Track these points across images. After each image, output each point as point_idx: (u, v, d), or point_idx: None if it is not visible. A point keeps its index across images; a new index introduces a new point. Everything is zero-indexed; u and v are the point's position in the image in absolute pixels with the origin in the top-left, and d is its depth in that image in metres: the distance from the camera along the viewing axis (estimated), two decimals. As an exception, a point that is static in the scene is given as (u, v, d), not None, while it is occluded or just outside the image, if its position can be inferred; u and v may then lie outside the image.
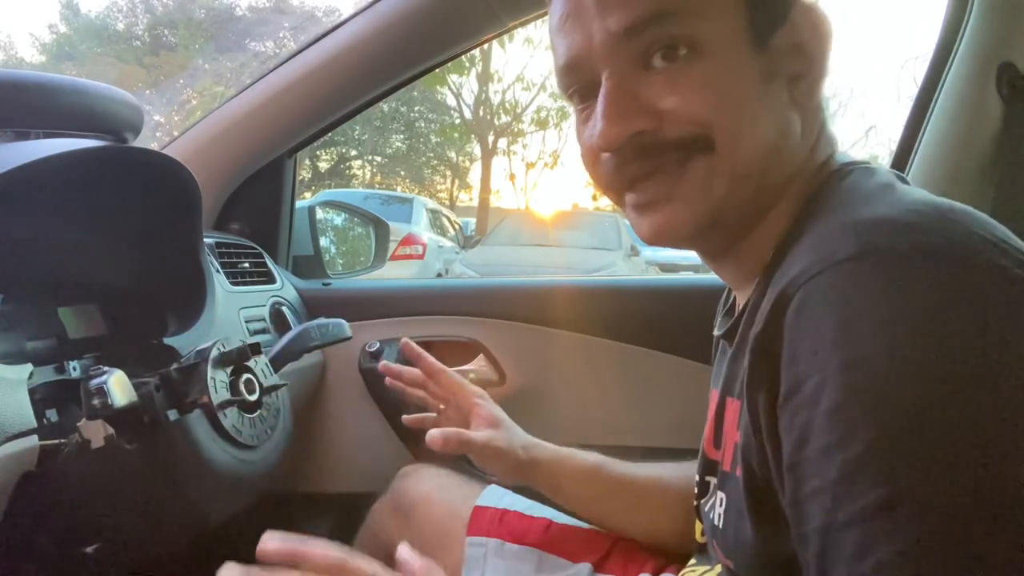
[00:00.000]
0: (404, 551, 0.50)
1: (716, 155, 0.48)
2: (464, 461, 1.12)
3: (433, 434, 0.74)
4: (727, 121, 0.48)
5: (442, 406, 0.86)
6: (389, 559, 0.93)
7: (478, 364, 1.25)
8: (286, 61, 1.18)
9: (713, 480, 0.57)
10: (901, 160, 1.19)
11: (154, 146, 1.01)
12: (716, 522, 0.55)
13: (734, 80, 0.48)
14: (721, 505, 0.54)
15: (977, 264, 0.38)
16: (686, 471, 0.80)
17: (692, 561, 0.68)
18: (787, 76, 0.50)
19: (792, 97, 0.50)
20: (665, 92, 0.48)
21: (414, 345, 0.85)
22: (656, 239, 0.52)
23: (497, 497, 0.87)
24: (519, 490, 0.88)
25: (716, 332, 0.62)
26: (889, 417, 0.35)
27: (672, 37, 0.47)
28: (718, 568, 0.58)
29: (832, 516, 0.36)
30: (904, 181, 0.50)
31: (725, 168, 0.49)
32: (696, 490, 0.63)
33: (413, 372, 0.86)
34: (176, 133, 1.26)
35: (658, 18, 0.47)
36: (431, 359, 0.85)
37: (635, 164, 0.50)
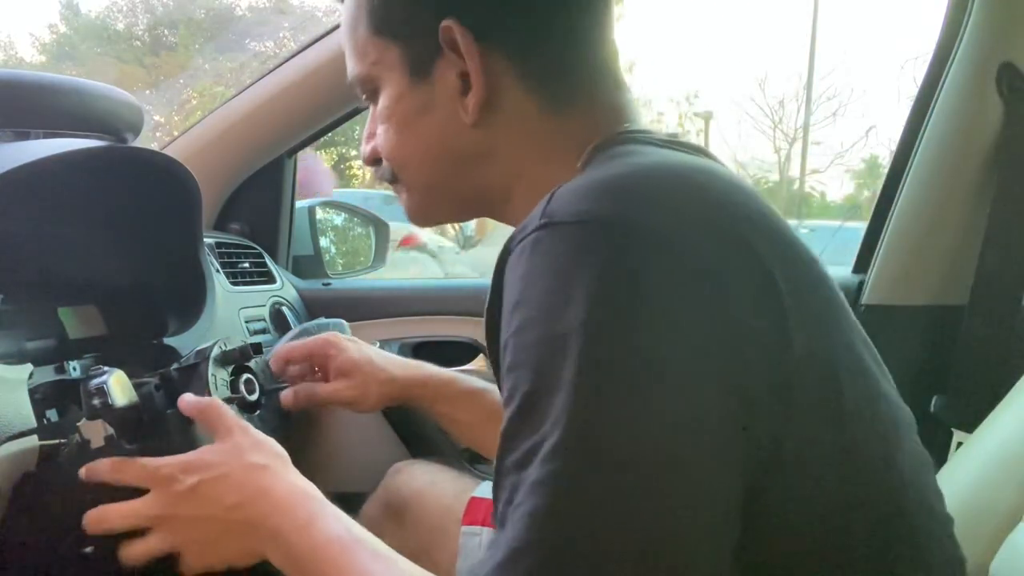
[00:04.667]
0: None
1: (402, 182, 0.61)
2: (456, 457, 1.13)
3: (285, 395, 0.80)
4: (396, 153, 0.59)
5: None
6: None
7: (478, 364, 1.25)
8: (286, 61, 1.18)
9: None
10: (901, 160, 1.19)
11: (154, 146, 1.01)
12: None
13: (397, 113, 0.57)
14: None
15: (609, 237, 0.39)
16: None
17: None
18: (452, 98, 0.54)
19: (466, 114, 0.54)
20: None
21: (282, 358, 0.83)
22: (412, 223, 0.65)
23: None
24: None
25: None
26: (525, 381, 0.39)
27: (360, 80, 0.59)
28: None
29: (499, 463, 0.40)
30: (683, 147, 0.52)
31: (411, 189, 0.61)
32: None
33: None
34: (176, 133, 1.26)
35: (359, 73, 0.59)
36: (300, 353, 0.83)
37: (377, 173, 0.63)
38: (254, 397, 0.75)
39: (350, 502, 1.07)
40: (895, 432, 0.47)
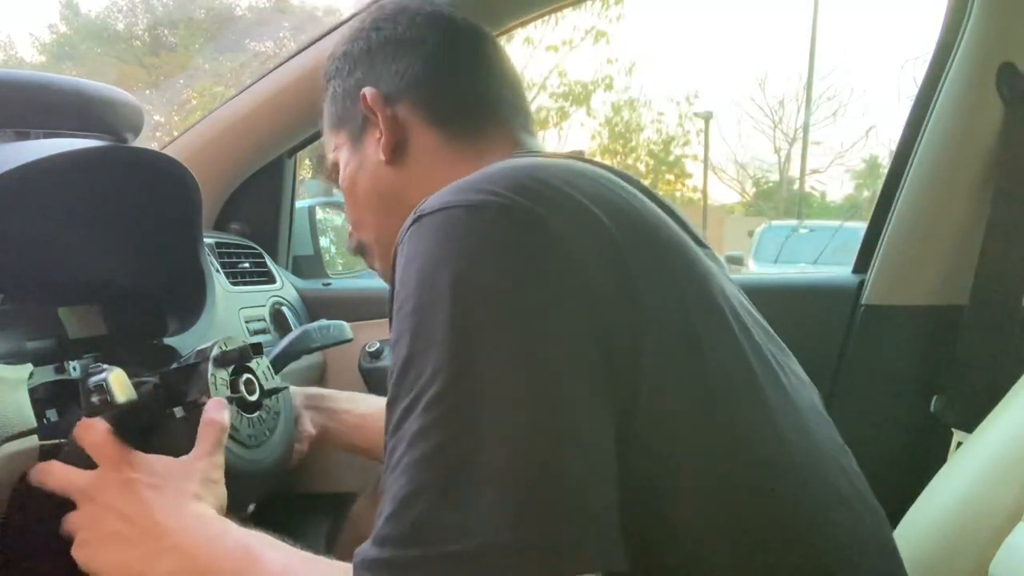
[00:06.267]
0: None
1: (364, 245, 0.73)
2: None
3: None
4: (351, 212, 0.72)
5: None
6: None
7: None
8: (286, 61, 1.18)
9: None
10: (901, 160, 1.19)
11: (154, 146, 1.01)
12: None
13: (346, 178, 0.70)
14: None
15: (468, 215, 0.44)
16: None
17: None
18: (376, 150, 0.66)
19: (381, 153, 0.66)
20: None
21: None
22: None
23: None
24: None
25: None
26: (402, 348, 0.43)
27: (332, 167, 0.73)
28: None
29: (385, 436, 0.43)
30: (587, 159, 0.58)
31: (370, 248, 0.72)
32: None
33: None
34: (176, 133, 1.26)
35: (329, 164, 0.74)
36: None
37: None
38: (254, 397, 0.75)
39: (344, 501, 1.08)
40: (780, 392, 0.51)
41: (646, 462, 0.43)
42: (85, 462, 0.60)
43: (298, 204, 1.42)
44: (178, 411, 0.66)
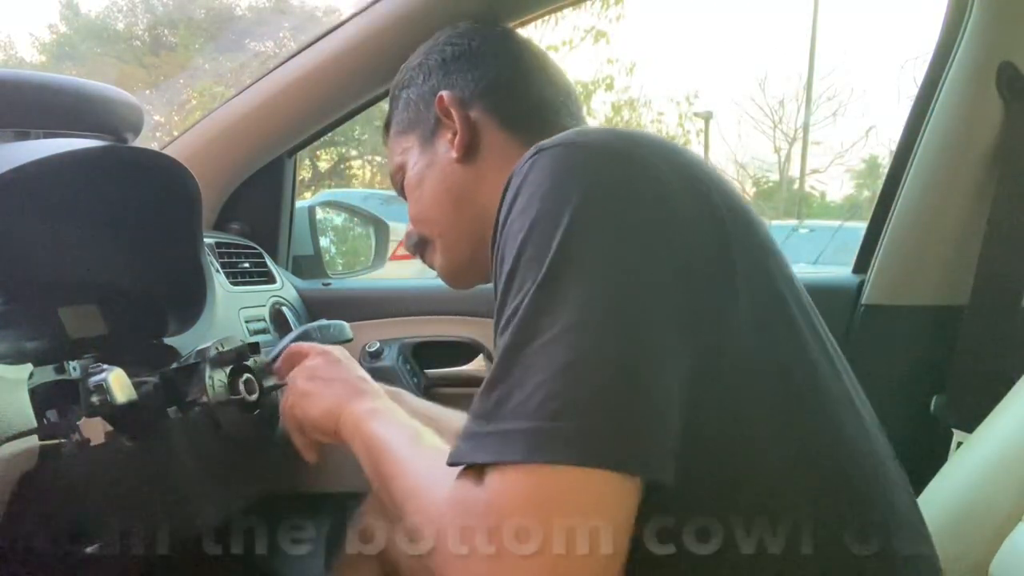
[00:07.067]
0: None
1: (427, 242, 0.77)
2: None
3: None
4: (415, 209, 0.76)
5: None
6: (378, 558, 0.94)
7: (478, 364, 1.25)
8: (286, 61, 1.18)
9: None
10: (901, 160, 1.19)
11: (154, 146, 1.01)
12: None
13: (414, 177, 0.75)
14: None
15: (586, 152, 0.50)
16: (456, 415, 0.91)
17: None
18: (448, 148, 0.72)
19: (453, 151, 0.72)
20: None
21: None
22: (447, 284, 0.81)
23: None
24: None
25: None
26: (508, 261, 0.48)
27: (396, 169, 0.79)
28: None
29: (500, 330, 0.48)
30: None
31: (433, 244, 0.77)
32: None
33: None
34: (176, 133, 1.26)
35: (394, 167, 0.80)
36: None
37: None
38: (254, 397, 0.75)
39: (347, 501, 1.08)
40: (845, 370, 0.57)
41: (720, 411, 0.46)
42: (85, 462, 0.60)
43: (298, 204, 1.42)
44: (173, 412, 0.66)
